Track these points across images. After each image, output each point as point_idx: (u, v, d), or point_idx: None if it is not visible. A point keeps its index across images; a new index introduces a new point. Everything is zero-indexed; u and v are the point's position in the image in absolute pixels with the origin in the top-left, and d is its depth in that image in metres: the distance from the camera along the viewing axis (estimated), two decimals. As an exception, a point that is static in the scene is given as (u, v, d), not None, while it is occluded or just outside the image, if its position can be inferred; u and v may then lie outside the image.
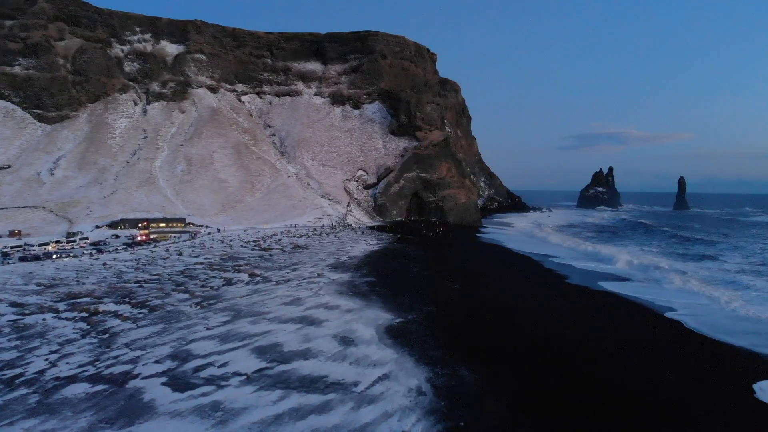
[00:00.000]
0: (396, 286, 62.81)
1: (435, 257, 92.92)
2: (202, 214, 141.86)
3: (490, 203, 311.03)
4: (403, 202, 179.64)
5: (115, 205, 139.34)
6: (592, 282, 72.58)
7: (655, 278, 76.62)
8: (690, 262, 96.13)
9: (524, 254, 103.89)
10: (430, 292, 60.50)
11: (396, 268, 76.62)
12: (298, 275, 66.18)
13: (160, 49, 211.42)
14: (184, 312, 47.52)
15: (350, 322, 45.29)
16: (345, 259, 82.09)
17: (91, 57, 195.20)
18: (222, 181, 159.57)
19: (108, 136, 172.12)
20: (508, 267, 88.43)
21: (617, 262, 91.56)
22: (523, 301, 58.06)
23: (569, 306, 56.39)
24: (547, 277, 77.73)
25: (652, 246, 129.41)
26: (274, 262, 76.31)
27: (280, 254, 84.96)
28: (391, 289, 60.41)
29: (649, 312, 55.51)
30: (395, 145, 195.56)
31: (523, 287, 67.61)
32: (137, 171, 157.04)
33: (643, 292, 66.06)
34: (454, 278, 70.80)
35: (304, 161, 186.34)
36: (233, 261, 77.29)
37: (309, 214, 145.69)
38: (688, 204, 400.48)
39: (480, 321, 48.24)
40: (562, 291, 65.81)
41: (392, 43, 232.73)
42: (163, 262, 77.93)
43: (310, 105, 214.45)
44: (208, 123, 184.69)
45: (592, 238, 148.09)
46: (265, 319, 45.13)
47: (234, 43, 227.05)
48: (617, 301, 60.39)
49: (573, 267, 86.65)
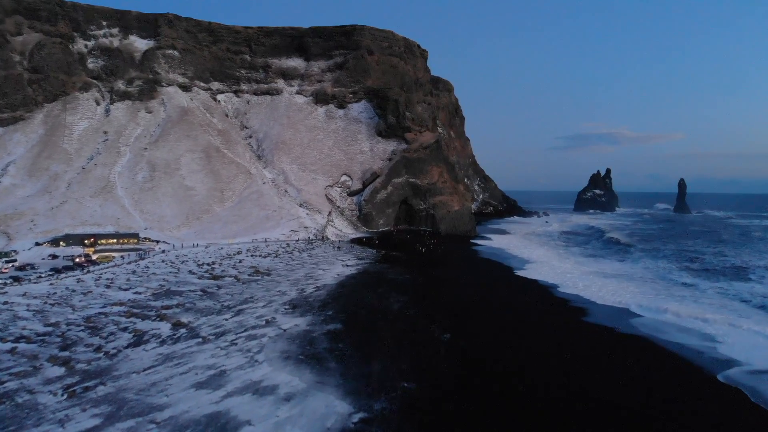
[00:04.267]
0: (367, 339, 47.32)
1: (422, 284, 77.44)
2: (162, 227, 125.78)
3: (484, 207, 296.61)
4: (390, 210, 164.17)
5: (63, 218, 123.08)
6: (624, 323, 57.35)
7: (705, 332, 61.45)
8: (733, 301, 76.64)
9: (530, 280, 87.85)
10: (411, 349, 45.10)
11: (372, 305, 61.05)
12: (239, 323, 50.50)
13: (128, 44, 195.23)
14: (39, 407, 31.82)
15: (282, 426, 29.78)
16: (311, 291, 66.45)
17: (50, 53, 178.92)
18: (188, 188, 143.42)
19: (64, 139, 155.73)
20: (512, 298, 73.08)
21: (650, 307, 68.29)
22: (537, 357, 42.68)
23: (599, 355, 41.01)
24: (563, 314, 62.42)
25: (672, 266, 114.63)
26: (218, 300, 60.55)
27: (232, 285, 69.21)
28: (359, 347, 44.91)
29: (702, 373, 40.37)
30: (383, 147, 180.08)
31: (535, 334, 52.22)
32: (93, 178, 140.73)
33: (685, 339, 51.04)
34: (444, 320, 55.41)
35: (282, 165, 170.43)
36: (166, 298, 61.45)
37: (284, 226, 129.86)
38: (688, 207, 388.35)
39: (482, 405, 32.86)
40: (585, 335, 50.49)
41: (380, 38, 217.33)
42: (80, 299, 62.05)
43: (291, 104, 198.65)
44: (177, 124, 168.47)
45: (602, 256, 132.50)
46: (153, 423, 29.53)
47: (210, 38, 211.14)
48: (669, 360, 45.16)
49: (595, 305, 70.70)
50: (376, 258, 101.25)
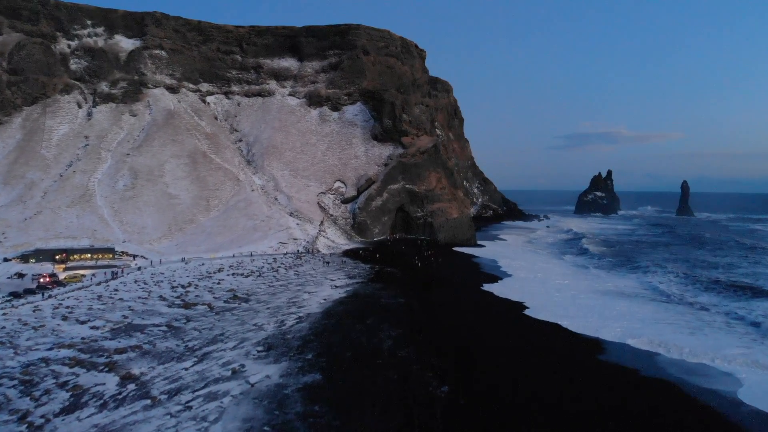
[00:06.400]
0: (350, 396, 39.95)
1: (418, 311, 70.07)
2: (142, 240, 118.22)
3: (484, 211, 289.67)
4: (386, 218, 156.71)
5: (36, 230, 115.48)
6: (647, 363, 49.96)
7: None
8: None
9: (541, 321, 72.61)
10: (403, 410, 37.81)
11: (360, 344, 53.64)
12: (201, 375, 43.03)
13: (114, 44, 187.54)
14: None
15: None
16: (291, 324, 59.05)
17: (30, 53, 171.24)
18: (171, 197, 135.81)
19: (42, 144, 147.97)
20: (515, 330, 65.75)
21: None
22: (552, 414, 35.27)
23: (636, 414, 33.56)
24: (576, 351, 55.06)
25: (687, 284, 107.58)
26: (183, 338, 53.11)
27: (203, 317, 61.72)
28: (339, 408, 37.54)
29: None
30: (378, 152, 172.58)
31: (546, 381, 44.76)
32: (70, 186, 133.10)
33: (707, 383, 43.70)
34: (441, 364, 48.07)
35: (273, 171, 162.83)
36: (125, 336, 53.97)
37: (272, 238, 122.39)
38: (691, 210, 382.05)
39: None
40: (605, 379, 43.06)
41: (376, 37, 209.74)
42: (28, 336, 54.56)
43: (283, 106, 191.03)
44: (162, 128, 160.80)
45: (613, 270, 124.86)
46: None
47: (199, 37, 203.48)
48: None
49: (612, 343, 63.10)
50: (369, 276, 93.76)
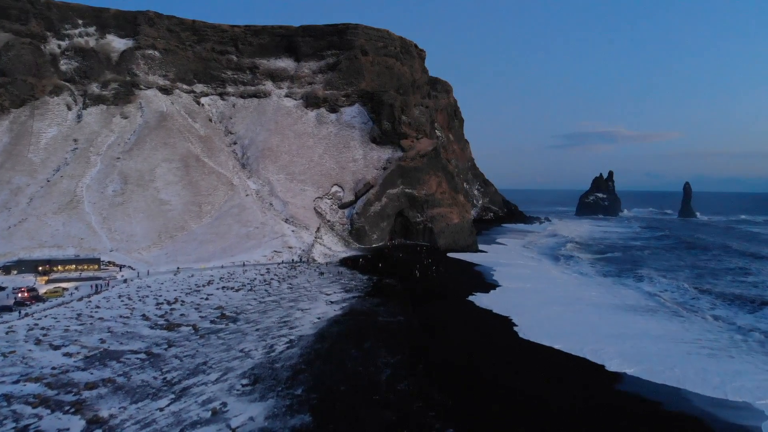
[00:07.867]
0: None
1: (418, 331, 65.59)
2: (131, 248, 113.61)
3: (484, 213, 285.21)
4: (385, 223, 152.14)
5: (20, 239, 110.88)
6: (670, 396, 45.42)
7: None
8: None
9: (555, 350, 65.08)
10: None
11: (355, 374, 49.09)
12: (176, 417, 38.46)
13: (105, 44, 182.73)
14: None
15: None
16: (281, 350, 54.51)
17: (19, 54, 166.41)
18: (163, 202, 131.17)
19: (29, 148, 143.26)
20: (531, 369, 61.25)
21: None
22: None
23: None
24: (592, 383, 50.54)
25: (699, 294, 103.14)
26: (162, 368, 48.51)
27: (186, 341, 57.13)
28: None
29: None
30: (377, 155, 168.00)
31: (563, 423, 40.20)
32: (58, 192, 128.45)
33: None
34: (444, 400, 43.59)
35: (268, 175, 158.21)
36: (99, 365, 49.35)
37: (266, 246, 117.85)
38: (693, 211, 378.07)
39: None
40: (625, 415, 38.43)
41: (375, 37, 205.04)
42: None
43: (279, 108, 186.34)
44: (154, 130, 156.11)
45: (623, 280, 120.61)
46: None
47: (194, 37, 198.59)
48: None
49: (632, 377, 58.69)
50: (366, 289, 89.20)
